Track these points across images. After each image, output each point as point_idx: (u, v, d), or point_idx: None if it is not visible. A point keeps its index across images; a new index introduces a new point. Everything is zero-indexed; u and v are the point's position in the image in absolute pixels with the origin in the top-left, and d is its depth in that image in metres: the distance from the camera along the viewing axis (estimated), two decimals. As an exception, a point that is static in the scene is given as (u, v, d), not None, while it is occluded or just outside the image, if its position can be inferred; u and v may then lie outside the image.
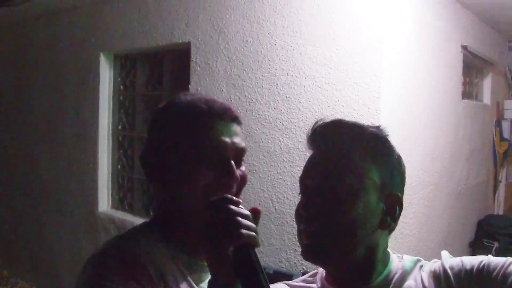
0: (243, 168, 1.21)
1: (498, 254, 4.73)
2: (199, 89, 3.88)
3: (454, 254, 1.23)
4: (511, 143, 5.82)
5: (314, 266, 1.27)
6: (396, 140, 3.48)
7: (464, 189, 4.66)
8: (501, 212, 5.83)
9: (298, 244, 3.77)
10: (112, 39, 4.74)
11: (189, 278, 1.16)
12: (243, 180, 1.20)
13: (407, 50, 3.39)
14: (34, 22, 5.68)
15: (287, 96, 3.41)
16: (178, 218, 1.17)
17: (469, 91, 5.14)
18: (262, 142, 3.52)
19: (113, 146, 4.99)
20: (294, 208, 3.39)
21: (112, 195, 5.01)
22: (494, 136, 5.63)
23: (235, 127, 1.21)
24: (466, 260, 1.17)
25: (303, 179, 1.23)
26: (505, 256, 1.13)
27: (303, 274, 1.40)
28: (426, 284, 1.17)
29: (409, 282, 1.19)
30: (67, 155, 5.25)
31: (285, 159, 3.44)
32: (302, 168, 3.49)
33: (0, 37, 6.03)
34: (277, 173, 3.47)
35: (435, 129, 3.90)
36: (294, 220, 1.24)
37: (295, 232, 1.05)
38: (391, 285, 1.19)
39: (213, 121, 1.16)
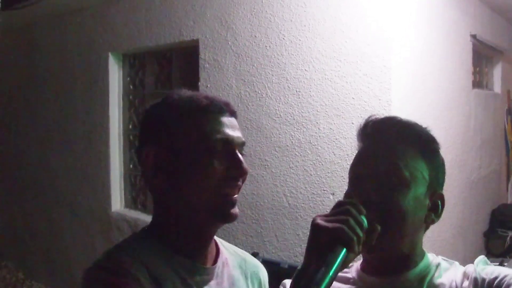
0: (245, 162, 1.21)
1: (512, 243, 4.72)
2: (208, 85, 3.89)
3: (468, 244, 1.24)
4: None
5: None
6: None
7: (476, 179, 4.64)
8: (514, 201, 5.81)
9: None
10: (120, 39, 4.75)
11: (190, 281, 1.14)
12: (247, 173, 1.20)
13: (416, 40, 3.38)
14: (43, 24, 5.71)
15: (297, 90, 3.41)
16: (181, 218, 1.15)
17: (479, 80, 5.11)
18: (274, 137, 3.52)
19: (124, 145, 5.00)
20: (307, 202, 3.40)
21: (124, 195, 5.03)
22: (506, 125, 5.60)
23: (235, 121, 1.20)
24: (502, 270, 1.17)
25: (355, 168, 1.25)
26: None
27: None
28: (463, 285, 1.19)
29: (443, 279, 1.21)
30: (78, 155, 5.28)
31: (297, 154, 3.44)
32: (314, 162, 3.48)
33: (9, 40, 6.06)
34: (289, 167, 3.47)
35: (446, 119, 3.88)
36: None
37: (309, 226, 1.05)
38: (427, 278, 1.21)
39: (217, 115, 1.15)
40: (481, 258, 1.25)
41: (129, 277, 1.04)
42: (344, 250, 0.98)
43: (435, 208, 1.25)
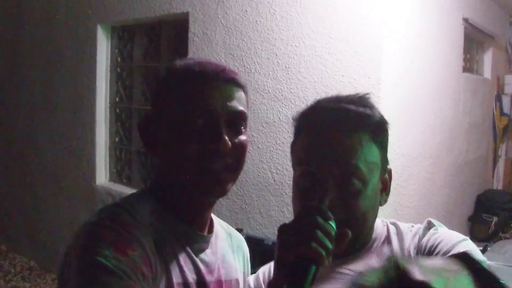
0: (242, 136, 1.10)
1: (497, 228, 4.75)
2: (197, 60, 3.84)
3: (453, 228, 1.21)
4: (511, 118, 5.79)
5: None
6: (397, 111, 3.45)
7: (463, 163, 4.65)
8: (500, 187, 5.83)
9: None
10: (109, 10, 4.67)
11: (188, 248, 1.11)
12: (240, 148, 1.09)
13: (409, 21, 3.36)
14: (30, -7, 5.61)
15: (287, 66, 3.37)
16: (172, 187, 1.11)
17: (469, 65, 5.11)
18: (261, 112, 3.49)
19: (110, 118, 4.95)
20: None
21: (110, 168, 4.99)
22: (494, 110, 5.61)
23: (231, 89, 1.09)
24: (439, 237, 1.16)
25: (304, 165, 1.18)
26: (503, 232, 1.12)
27: None
28: (410, 251, 1.18)
29: (388, 247, 1.20)
30: (64, 128, 5.22)
31: (284, 130, 3.42)
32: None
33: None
34: (276, 144, 3.45)
35: (435, 101, 3.87)
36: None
37: None
38: (371, 253, 1.20)
39: (203, 84, 1.07)
40: (428, 222, 1.23)
41: (134, 241, 0.98)
42: (314, 267, 0.94)
43: (385, 187, 1.22)
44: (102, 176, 4.95)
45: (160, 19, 4.34)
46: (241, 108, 1.09)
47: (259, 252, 3.43)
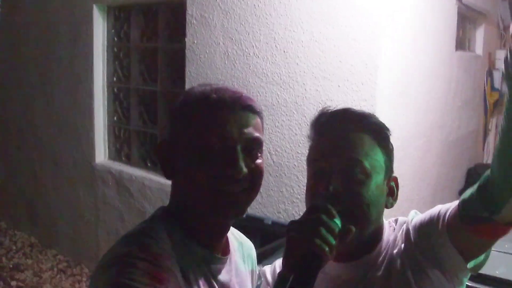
0: (258, 160, 1.15)
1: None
2: (195, 42, 3.88)
3: (445, 202, 1.32)
4: (502, 93, 5.88)
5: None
6: (394, 96, 3.51)
7: (455, 139, 4.75)
8: (490, 161, 5.92)
9: (296, 196, 3.85)
10: (105, -10, 4.68)
11: (207, 272, 1.15)
12: (256, 173, 1.14)
13: (404, 5, 3.40)
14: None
15: (285, 50, 3.43)
16: (190, 210, 1.15)
17: (462, 42, 5.17)
18: (260, 95, 3.56)
19: (108, 98, 5.00)
20: (291, 160, 3.52)
21: (109, 147, 5.06)
22: (486, 86, 5.70)
23: (247, 116, 1.13)
24: (423, 216, 1.30)
25: (316, 162, 1.31)
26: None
27: None
28: (401, 244, 1.30)
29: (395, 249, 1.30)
30: (62, 108, 5.26)
31: (282, 113, 3.50)
32: (299, 122, 3.54)
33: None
34: (275, 126, 3.53)
35: (429, 81, 3.95)
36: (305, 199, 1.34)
37: (293, 184, 1.12)
38: (381, 256, 1.30)
39: (220, 111, 1.10)
40: (413, 212, 1.36)
41: (167, 271, 1.03)
42: (319, 261, 1.07)
43: (392, 192, 1.35)
44: (101, 154, 5.03)
45: (157, 0, 4.36)
46: (257, 134, 1.13)
47: (259, 231, 3.55)
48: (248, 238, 1.43)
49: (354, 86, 3.18)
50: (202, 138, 1.09)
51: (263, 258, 2.85)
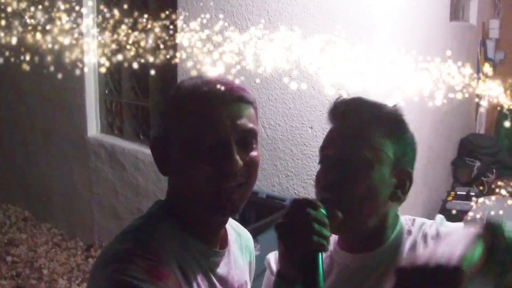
0: (253, 153, 1.12)
1: (479, 172, 4.89)
2: (187, 14, 3.83)
3: (437, 172, 1.33)
4: (495, 62, 5.87)
5: (305, 192, 1.36)
6: (388, 70, 3.48)
7: (448, 109, 4.75)
8: (482, 131, 5.97)
9: (290, 169, 3.85)
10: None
11: (205, 266, 1.15)
12: (251, 165, 1.11)
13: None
14: None
15: (278, 23, 3.39)
16: (187, 206, 1.14)
17: (456, 12, 5.13)
18: (253, 69, 3.53)
19: (99, 69, 4.94)
20: (285, 134, 3.53)
21: (101, 120, 5.02)
22: (479, 55, 5.68)
23: (240, 107, 1.10)
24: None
25: (323, 150, 1.30)
26: (486, 176, 1.21)
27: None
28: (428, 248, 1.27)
29: (412, 246, 1.29)
30: (53, 80, 5.18)
31: (276, 86, 3.47)
32: (292, 95, 3.52)
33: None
34: (269, 100, 3.51)
35: (423, 51, 3.92)
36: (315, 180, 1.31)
37: (287, 157, 1.11)
38: (398, 249, 1.29)
39: (212, 104, 1.08)
40: (439, 218, 1.35)
41: (165, 267, 1.03)
42: (320, 254, 1.05)
43: (402, 185, 1.30)
44: (93, 128, 4.99)
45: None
46: (250, 125, 1.11)
47: (254, 204, 3.56)
48: (243, 211, 1.41)
49: (348, 59, 3.16)
50: (195, 133, 1.07)
51: (258, 232, 2.87)
